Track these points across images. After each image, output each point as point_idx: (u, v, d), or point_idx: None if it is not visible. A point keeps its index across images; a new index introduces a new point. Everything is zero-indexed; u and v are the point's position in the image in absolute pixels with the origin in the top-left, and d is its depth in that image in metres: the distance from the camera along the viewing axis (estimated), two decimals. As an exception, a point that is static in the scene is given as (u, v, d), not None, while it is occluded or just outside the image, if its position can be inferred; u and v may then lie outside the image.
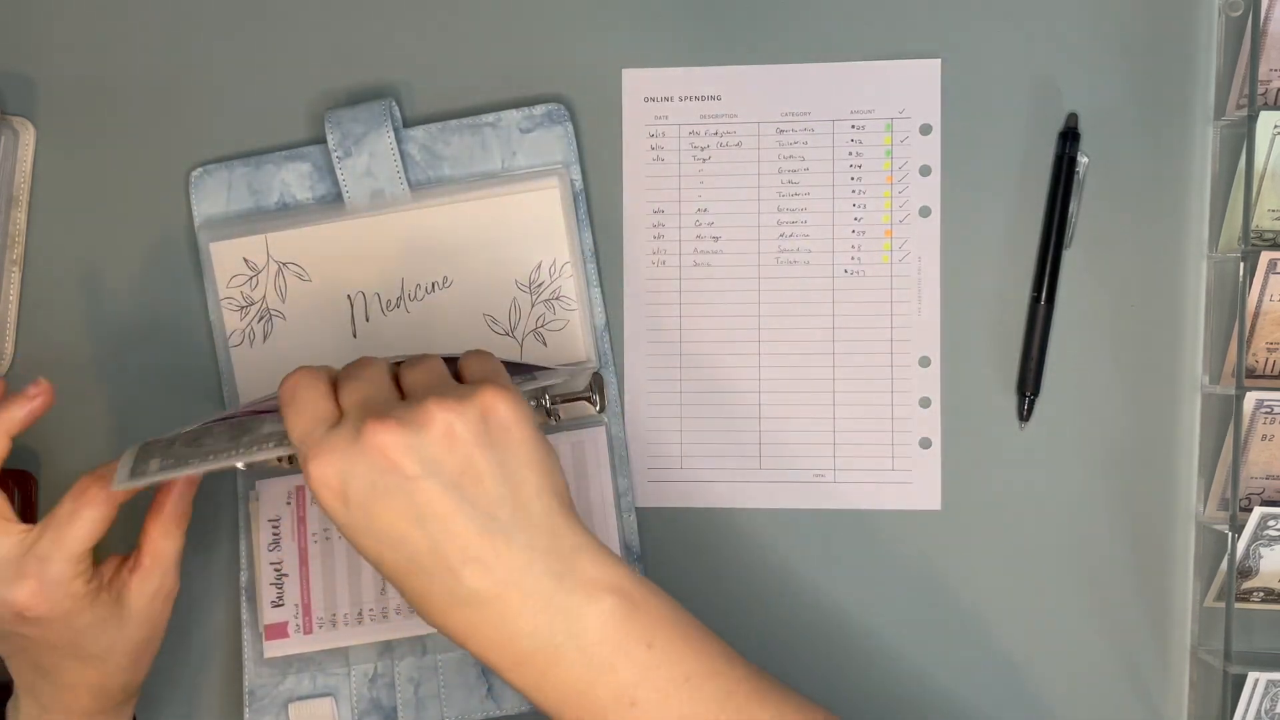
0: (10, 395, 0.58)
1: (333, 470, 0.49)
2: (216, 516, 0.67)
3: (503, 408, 0.50)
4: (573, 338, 0.66)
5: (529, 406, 0.52)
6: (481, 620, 0.50)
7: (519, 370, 0.61)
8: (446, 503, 0.49)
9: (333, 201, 0.67)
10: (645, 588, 0.51)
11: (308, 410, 0.51)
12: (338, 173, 0.66)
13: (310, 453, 0.49)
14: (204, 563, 0.67)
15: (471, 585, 0.49)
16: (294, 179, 0.67)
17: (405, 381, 0.52)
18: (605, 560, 0.51)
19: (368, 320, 0.66)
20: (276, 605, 0.66)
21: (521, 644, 0.49)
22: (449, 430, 0.49)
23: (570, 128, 0.66)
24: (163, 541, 0.58)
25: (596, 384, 0.65)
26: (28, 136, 0.69)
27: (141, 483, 0.55)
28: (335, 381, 0.52)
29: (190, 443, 0.56)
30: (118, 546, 0.61)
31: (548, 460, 0.51)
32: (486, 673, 0.66)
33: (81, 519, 0.55)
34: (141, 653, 0.59)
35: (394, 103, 0.66)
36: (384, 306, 0.66)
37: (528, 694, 0.51)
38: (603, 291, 0.67)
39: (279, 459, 0.54)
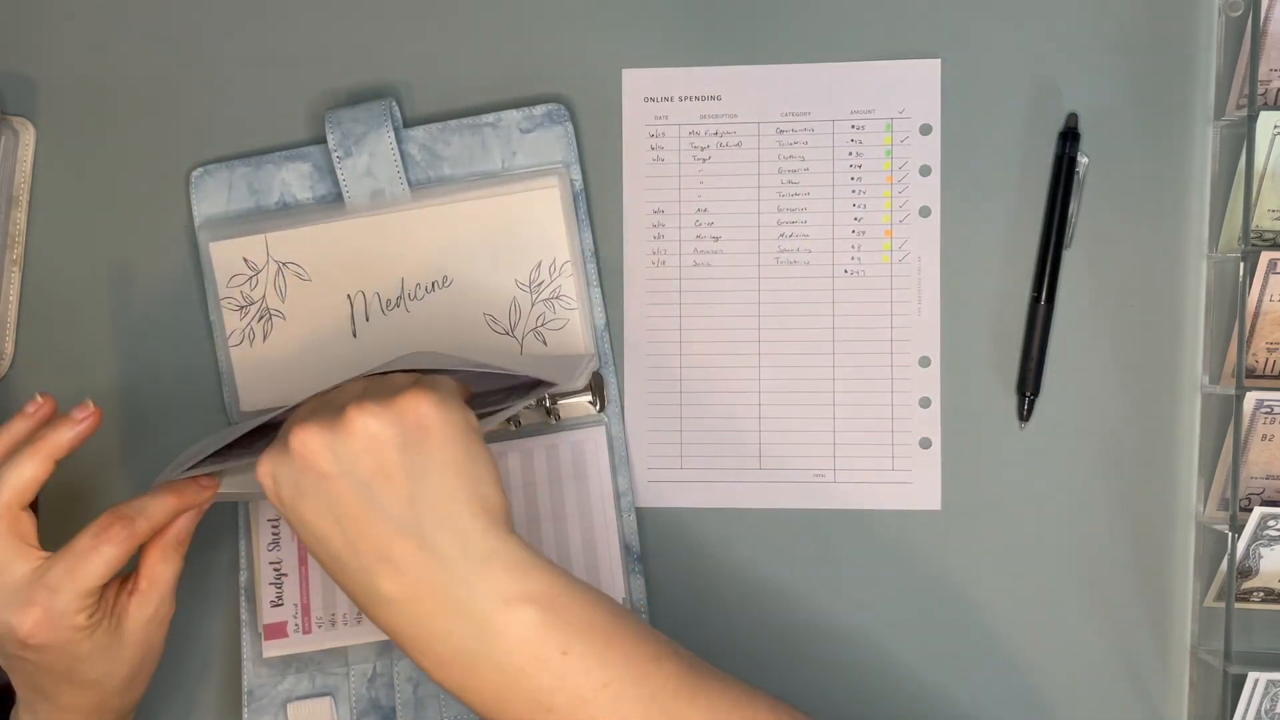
0: (58, 418, 0.58)
1: (265, 470, 0.52)
2: (216, 517, 0.67)
3: (425, 408, 0.50)
4: (573, 336, 0.66)
5: (459, 410, 0.52)
6: (401, 620, 0.51)
7: (494, 392, 0.60)
8: (358, 502, 0.50)
9: (333, 201, 0.67)
10: (569, 594, 0.51)
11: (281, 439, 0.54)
12: (338, 172, 0.66)
13: (259, 458, 0.53)
14: (204, 563, 0.67)
15: (385, 585, 0.50)
16: (294, 179, 0.67)
17: (344, 394, 0.53)
18: (521, 568, 0.50)
19: (368, 320, 0.66)
20: (276, 605, 0.66)
21: (440, 647, 0.50)
22: (365, 430, 0.50)
23: (570, 128, 0.66)
24: (161, 566, 0.58)
25: (596, 383, 0.65)
26: (28, 136, 0.69)
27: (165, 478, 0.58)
28: None
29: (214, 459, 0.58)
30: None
31: (470, 464, 0.51)
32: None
33: (99, 555, 0.55)
34: (137, 676, 0.59)
35: (394, 103, 0.66)
36: (384, 306, 0.66)
37: (456, 696, 0.51)
38: (603, 291, 0.67)
39: None
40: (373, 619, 0.52)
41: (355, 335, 0.66)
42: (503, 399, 0.59)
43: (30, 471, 0.56)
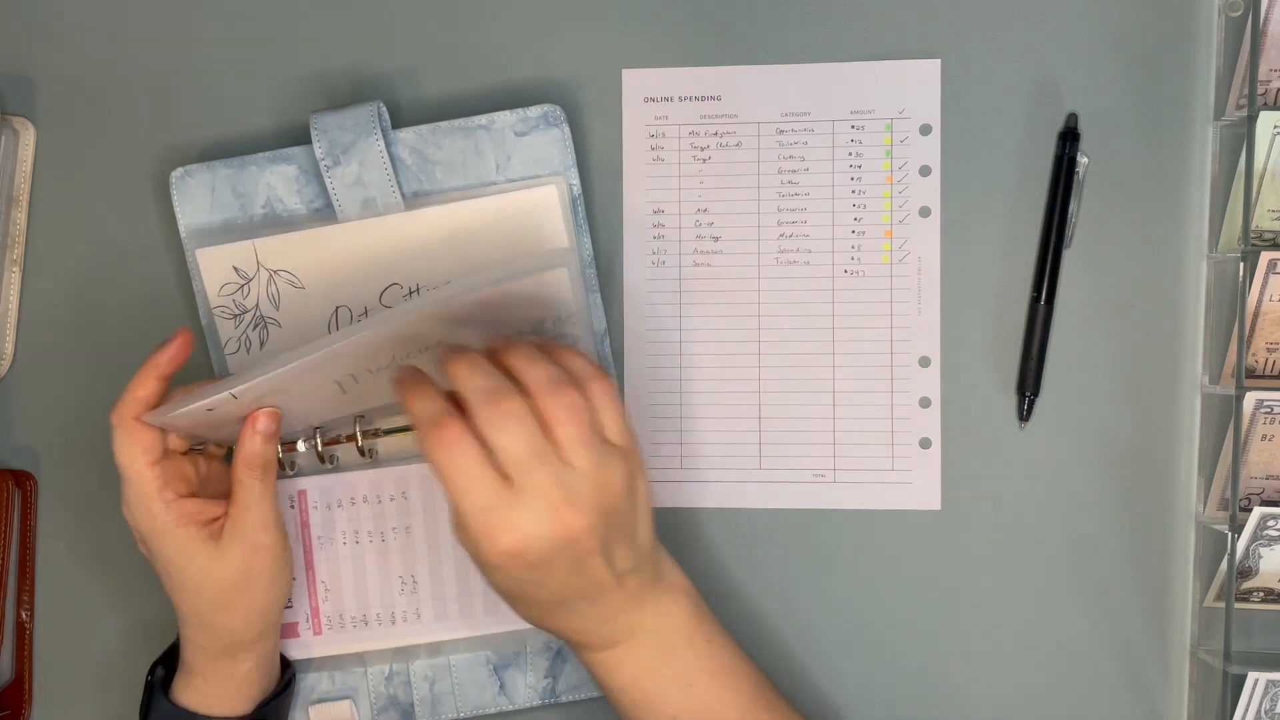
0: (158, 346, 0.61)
1: (526, 549, 0.54)
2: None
3: (639, 477, 0.57)
4: (572, 341, 0.65)
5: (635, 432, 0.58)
6: (593, 624, 0.58)
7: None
8: (601, 563, 0.56)
9: (321, 209, 0.66)
10: (702, 599, 0.61)
11: (477, 481, 0.54)
12: (327, 182, 0.64)
13: (498, 528, 0.54)
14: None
15: (600, 607, 0.57)
16: (280, 182, 0.66)
17: (560, 435, 0.54)
18: (679, 570, 0.61)
19: None
20: (286, 606, 0.65)
21: (615, 633, 0.58)
22: (617, 509, 0.55)
23: (567, 130, 0.65)
24: (239, 490, 0.60)
25: None
26: (28, 136, 0.69)
27: (166, 417, 0.59)
28: (453, 381, 0.55)
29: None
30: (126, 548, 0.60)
31: (650, 500, 0.58)
32: (498, 670, 0.66)
33: (115, 440, 0.59)
34: (232, 598, 0.60)
35: (382, 105, 0.65)
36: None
37: (603, 671, 0.59)
38: (603, 297, 0.66)
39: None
40: (556, 626, 0.58)
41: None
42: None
43: (144, 389, 0.59)
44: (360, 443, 0.64)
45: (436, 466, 0.54)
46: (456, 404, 0.55)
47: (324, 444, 0.64)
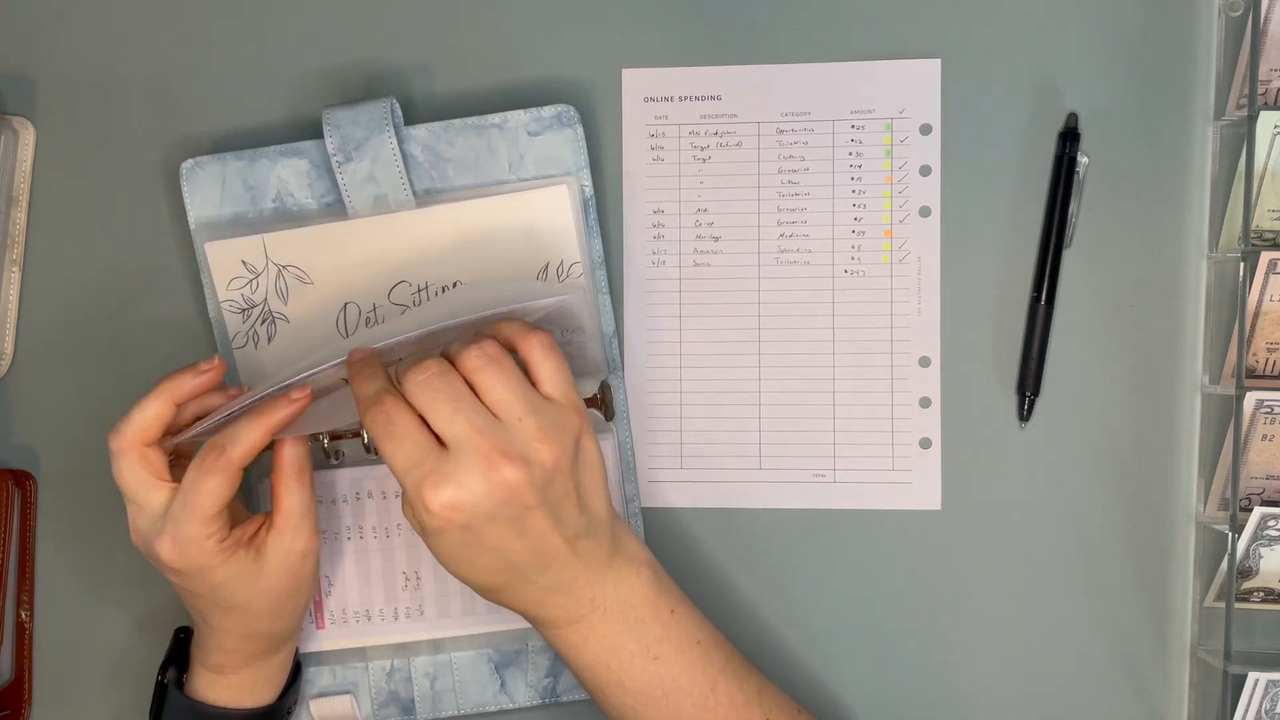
0: (185, 366, 0.60)
1: (460, 500, 0.54)
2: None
3: (587, 439, 0.57)
4: (579, 348, 0.65)
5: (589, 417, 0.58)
6: (551, 597, 0.57)
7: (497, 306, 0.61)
8: (546, 523, 0.55)
9: (332, 204, 0.66)
10: (663, 570, 0.61)
11: (409, 440, 0.54)
12: (338, 178, 0.64)
13: (428, 482, 0.54)
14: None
15: (552, 576, 0.57)
16: (291, 176, 0.66)
17: (491, 399, 0.55)
18: (639, 541, 0.61)
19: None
20: None
21: (578, 607, 0.58)
22: (558, 465, 0.55)
23: (580, 130, 0.65)
24: (285, 498, 0.60)
25: (605, 393, 0.64)
26: (28, 136, 0.69)
27: (183, 437, 0.59)
28: (400, 381, 0.56)
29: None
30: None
31: (603, 469, 0.58)
32: (499, 668, 0.67)
33: (203, 486, 0.57)
34: (283, 605, 0.61)
35: (395, 102, 0.65)
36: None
37: (568, 648, 0.59)
38: (612, 299, 0.66)
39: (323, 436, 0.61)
40: (511, 600, 0.58)
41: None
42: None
43: (152, 411, 0.58)
44: (366, 439, 0.64)
45: (374, 438, 0.55)
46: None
47: (330, 439, 0.64)
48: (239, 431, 0.57)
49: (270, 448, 0.59)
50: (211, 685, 0.62)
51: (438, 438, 0.54)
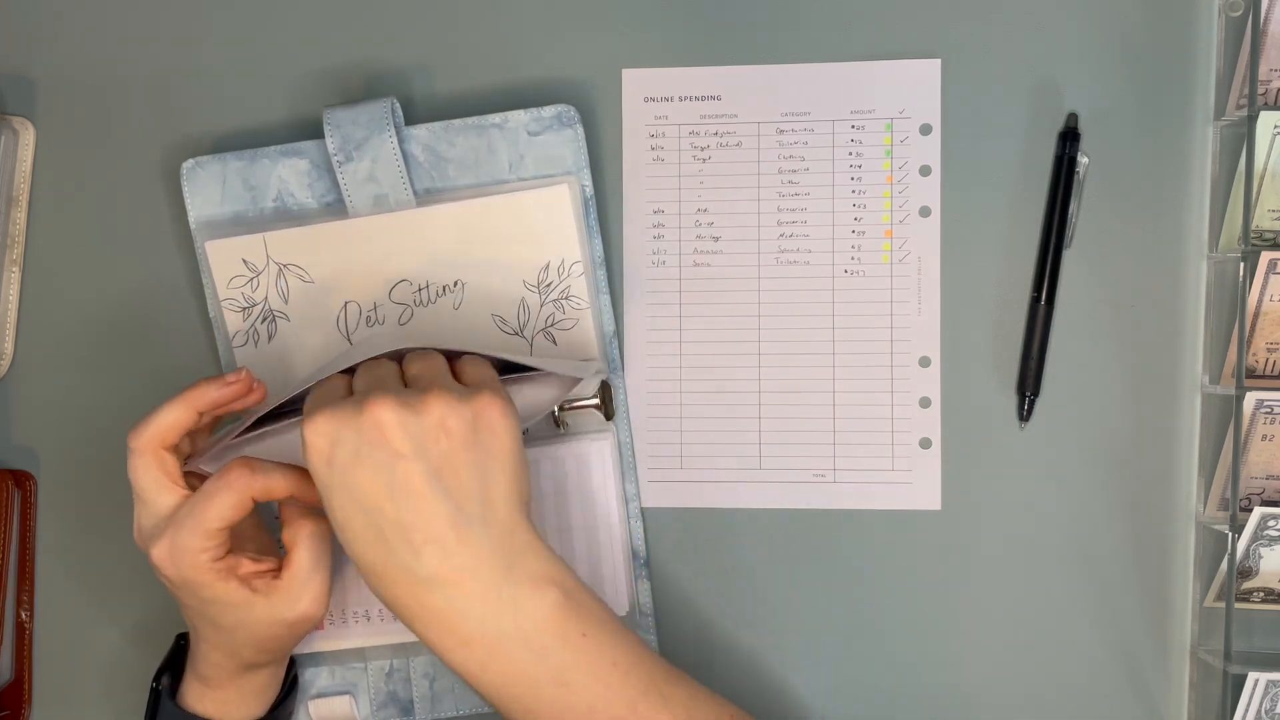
0: (212, 377, 0.60)
1: (326, 428, 0.53)
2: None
3: (495, 414, 0.55)
4: (584, 333, 0.65)
5: (517, 417, 0.56)
6: (431, 600, 0.54)
7: (515, 369, 0.61)
8: (423, 485, 0.53)
9: (333, 204, 0.66)
10: (582, 587, 0.56)
11: (324, 389, 0.56)
12: (339, 177, 0.64)
13: (310, 415, 0.54)
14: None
15: (429, 565, 0.53)
16: (291, 176, 0.66)
17: (409, 372, 0.57)
18: (551, 559, 0.56)
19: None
20: None
21: (469, 627, 0.54)
22: (443, 422, 0.53)
23: (580, 130, 0.65)
24: (308, 542, 0.59)
25: (605, 392, 0.64)
26: (28, 136, 0.69)
27: (200, 458, 0.59)
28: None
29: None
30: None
31: (521, 468, 0.56)
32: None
33: (218, 498, 0.57)
34: (267, 646, 0.60)
35: (395, 101, 0.65)
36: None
37: (469, 676, 0.55)
38: (612, 298, 0.66)
39: None
40: (392, 599, 0.55)
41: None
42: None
43: (173, 415, 0.58)
44: None
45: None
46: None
47: None
48: (275, 471, 0.57)
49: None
50: (201, 697, 0.61)
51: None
